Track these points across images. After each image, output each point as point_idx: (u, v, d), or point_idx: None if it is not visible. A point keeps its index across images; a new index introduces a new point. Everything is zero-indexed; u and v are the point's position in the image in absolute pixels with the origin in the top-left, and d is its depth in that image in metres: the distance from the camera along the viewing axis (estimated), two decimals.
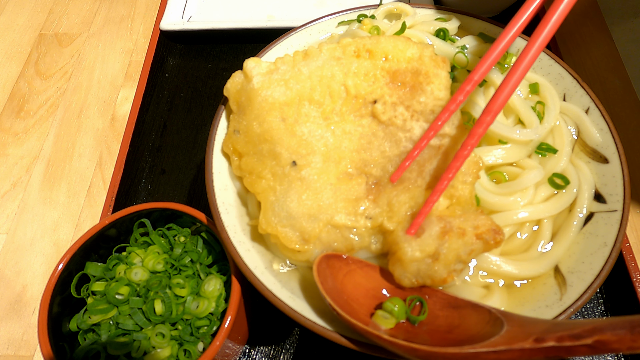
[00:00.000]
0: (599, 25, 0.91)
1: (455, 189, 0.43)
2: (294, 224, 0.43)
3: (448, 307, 0.41)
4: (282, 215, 0.43)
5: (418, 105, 0.46)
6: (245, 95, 0.48)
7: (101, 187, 0.75)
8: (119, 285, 0.48)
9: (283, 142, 0.45)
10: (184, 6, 0.89)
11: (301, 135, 0.45)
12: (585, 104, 0.52)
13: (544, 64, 0.56)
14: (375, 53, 0.48)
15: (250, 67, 0.49)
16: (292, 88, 0.47)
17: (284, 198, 0.44)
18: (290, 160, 0.44)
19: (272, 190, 0.45)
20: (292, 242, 0.43)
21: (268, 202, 0.44)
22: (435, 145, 0.45)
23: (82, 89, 0.87)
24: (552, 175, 0.48)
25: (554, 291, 0.43)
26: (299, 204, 0.43)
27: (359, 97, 0.47)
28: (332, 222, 0.43)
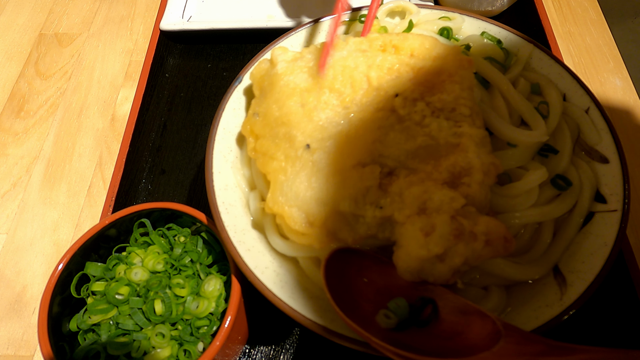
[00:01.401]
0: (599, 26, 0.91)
1: (471, 189, 0.42)
2: (300, 206, 0.43)
3: (456, 312, 0.40)
4: (290, 196, 0.43)
5: (439, 102, 0.46)
6: (269, 80, 0.49)
7: (101, 187, 0.75)
8: (119, 285, 0.48)
9: (299, 126, 0.45)
10: (184, 6, 0.89)
11: (318, 120, 0.45)
12: (585, 104, 0.52)
13: (544, 63, 0.56)
14: (401, 49, 0.48)
15: (277, 54, 0.50)
16: (314, 75, 0.47)
17: (293, 179, 0.44)
18: (304, 144, 0.44)
19: (282, 170, 0.45)
20: (297, 223, 0.43)
21: (277, 182, 0.44)
22: (454, 142, 0.44)
23: (82, 89, 0.87)
24: (555, 177, 0.48)
25: (554, 291, 0.43)
26: (308, 186, 0.43)
27: (381, 90, 0.47)
28: (340, 208, 0.43)
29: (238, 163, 0.52)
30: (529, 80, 0.55)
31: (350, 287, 0.42)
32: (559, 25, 0.92)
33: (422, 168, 0.44)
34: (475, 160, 0.42)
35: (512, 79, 0.55)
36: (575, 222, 0.47)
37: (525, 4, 0.87)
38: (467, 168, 0.43)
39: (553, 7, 0.94)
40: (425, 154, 0.45)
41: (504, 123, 0.49)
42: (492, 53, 0.57)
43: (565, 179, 0.48)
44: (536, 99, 0.54)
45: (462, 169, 0.43)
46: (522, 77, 0.55)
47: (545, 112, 0.52)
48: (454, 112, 0.46)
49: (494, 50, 0.57)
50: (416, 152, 0.45)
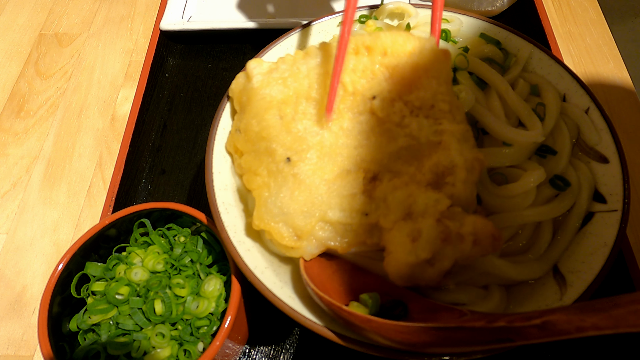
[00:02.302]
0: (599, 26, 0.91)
1: (456, 188, 0.42)
2: (286, 220, 0.43)
3: (426, 311, 0.41)
4: (275, 212, 0.43)
5: (417, 100, 0.45)
6: (246, 94, 0.48)
7: (101, 187, 0.75)
8: (119, 285, 0.48)
9: (279, 139, 0.45)
10: (184, 6, 0.89)
11: (297, 132, 0.45)
12: (585, 104, 0.52)
13: (544, 63, 0.56)
14: (374, 49, 0.47)
15: (252, 67, 0.49)
16: (289, 86, 0.47)
17: (276, 194, 0.44)
18: (284, 157, 0.44)
19: (266, 186, 0.45)
20: (285, 238, 0.43)
21: (262, 199, 0.44)
22: (435, 140, 0.44)
23: (82, 89, 0.87)
24: (553, 177, 0.48)
25: (554, 291, 0.43)
26: (292, 200, 0.43)
27: (357, 94, 0.46)
28: (326, 219, 0.43)
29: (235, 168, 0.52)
30: (528, 81, 0.55)
31: (325, 283, 0.42)
32: (559, 25, 0.92)
33: (406, 170, 0.43)
34: (458, 158, 0.42)
35: (511, 80, 0.55)
36: (574, 222, 0.47)
37: (525, 4, 0.87)
38: (450, 167, 0.42)
39: (553, 7, 0.94)
40: (408, 155, 0.44)
41: (499, 122, 0.49)
42: (490, 54, 0.57)
43: (563, 180, 0.48)
44: (535, 100, 0.54)
45: (445, 168, 0.42)
46: (521, 78, 0.55)
47: (543, 114, 0.52)
48: (433, 109, 0.45)
49: (493, 51, 0.57)
50: (398, 154, 0.44)
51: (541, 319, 0.29)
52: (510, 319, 0.31)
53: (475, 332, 0.32)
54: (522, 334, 0.30)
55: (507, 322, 0.31)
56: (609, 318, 0.26)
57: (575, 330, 0.27)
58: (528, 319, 0.30)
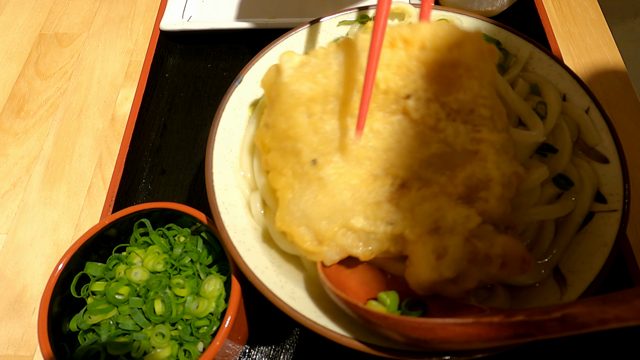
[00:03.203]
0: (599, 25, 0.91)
1: (489, 204, 0.39)
2: (308, 224, 0.41)
3: (445, 309, 0.40)
4: (297, 215, 0.41)
5: (455, 103, 0.41)
6: (276, 89, 0.46)
7: (101, 187, 0.75)
8: (119, 285, 0.48)
9: (305, 139, 0.42)
10: (184, 6, 0.89)
11: (324, 133, 0.42)
12: (585, 104, 0.52)
13: (544, 63, 0.56)
14: (411, 42, 0.42)
15: (284, 61, 0.46)
16: (319, 82, 0.43)
17: (300, 197, 0.42)
18: (310, 159, 0.42)
19: (290, 187, 0.43)
20: (306, 242, 0.41)
21: (285, 200, 0.43)
22: (472, 150, 0.40)
23: (82, 89, 0.87)
24: (557, 176, 0.48)
25: (554, 291, 0.43)
26: (315, 204, 0.41)
27: (390, 92, 0.42)
28: (349, 225, 0.41)
29: (237, 164, 0.52)
30: (528, 80, 0.55)
31: (343, 283, 0.42)
32: (559, 25, 0.92)
33: (437, 180, 0.40)
34: (495, 172, 0.39)
35: (511, 80, 0.55)
36: (576, 221, 0.47)
37: (525, 4, 0.87)
38: (485, 181, 0.39)
39: (553, 7, 0.94)
40: (440, 162, 0.41)
41: None
42: None
43: (566, 179, 0.48)
44: (535, 99, 0.54)
45: (480, 181, 0.39)
46: (521, 78, 0.55)
47: (544, 113, 0.52)
48: (472, 114, 0.41)
49: None
50: (430, 161, 0.41)
51: (561, 312, 0.28)
52: (529, 312, 0.30)
53: (493, 327, 0.31)
54: (542, 328, 0.29)
55: (526, 316, 0.30)
56: (632, 309, 0.25)
57: (597, 322, 0.27)
58: (548, 312, 0.29)
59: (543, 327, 0.29)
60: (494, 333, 0.32)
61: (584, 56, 0.87)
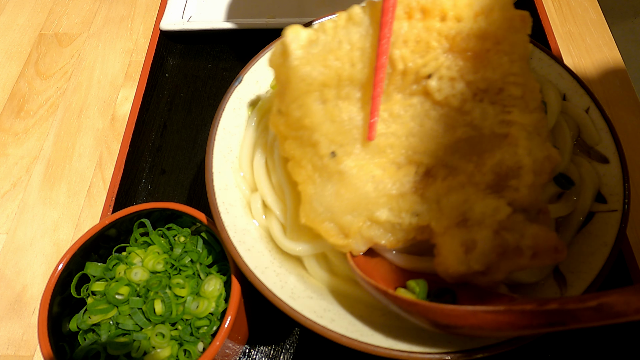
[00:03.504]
0: (599, 26, 0.91)
1: (519, 193, 0.36)
2: (332, 219, 0.40)
3: (475, 298, 0.39)
4: (320, 210, 0.40)
5: (483, 82, 0.37)
6: (284, 73, 0.41)
7: (101, 187, 0.75)
8: (119, 285, 0.48)
9: (322, 129, 0.39)
10: (184, 6, 0.89)
11: (341, 121, 0.39)
12: (585, 104, 0.52)
13: (544, 63, 0.56)
14: (431, 12, 0.37)
15: (289, 41, 0.40)
16: (331, 66, 0.39)
17: (322, 191, 0.40)
18: (329, 151, 0.40)
19: (311, 182, 0.41)
20: (332, 236, 0.40)
21: (307, 195, 0.41)
22: (501, 133, 0.37)
23: (82, 89, 0.87)
24: (558, 175, 0.48)
25: (554, 291, 0.43)
26: (338, 198, 0.39)
27: (409, 73, 0.38)
28: (373, 218, 0.39)
29: (237, 165, 0.52)
30: None
31: (372, 269, 0.41)
32: (559, 25, 0.92)
33: (463, 167, 0.38)
34: (526, 159, 0.36)
35: None
36: (576, 220, 0.47)
37: (525, 4, 0.87)
38: (515, 168, 0.37)
39: (553, 7, 0.94)
40: (467, 148, 0.38)
41: None
42: None
43: (567, 178, 0.48)
44: None
45: (509, 169, 0.37)
46: None
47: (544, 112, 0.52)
48: (501, 93, 0.37)
49: None
50: (456, 147, 0.38)
51: (597, 301, 0.27)
52: (563, 301, 0.29)
53: (525, 315, 0.30)
54: (576, 317, 0.28)
55: (559, 304, 0.29)
56: None
57: (634, 312, 0.26)
58: (582, 301, 0.28)
59: (577, 316, 0.28)
60: (526, 321, 0.31)
61: (584, 56, 0.87)
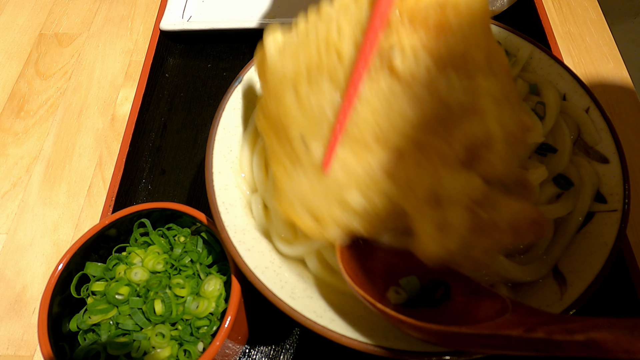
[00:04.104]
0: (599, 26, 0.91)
1: (491, 165, 0.34)
2: (306, 207, 0.40)
3: (469, 293, 0.38)
4: (294, 200, 0.41)
5: (444, 48, 0.35)
6: (263, 72, 0.44)
7: (101, 187, 0.75)
8: (119, 285, 0.48)
9: (296, 122, 0.40)
10: (184, 6, 0.89)
11: (311, 111, 0.40)
12: (585, 104, 0.52)
13: (544, 63, 0.56)
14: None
15: (267, 43, 0.43)
16: (301, 61, 0.40)
17: (296, 181, 0.41)
18: (302, 142, 0.40)
19: (287, 173, 0.42)
20: (307, 225, 0.41)
21: (282, 186, 0.42)
22: (467, 102, 0.35)
23: (82, 89, 0.87)
24: (557, 176, 0.48)
25: (554, 291, 0.43)
26: (310, 187, 0.40)
27: None
28: (344, 204, 0.39)
29: (237, 165, 0.52)
30: (527, 80, 0.55)
31: (364, 265, 0.41)
32: (559, 25, 0.92)
33: (433, 144, 0.36)
34: (495, 128, 0.35)
35: None
36: (576, 220, 0.47)
37: (525, 4, 0.87)
38: (484, 138, 0.35)
39: (553, 7, 0.95)
40: (435, 122, 0.36)
41: None
42: None
43: (566, 179, 0.48)
44: (534, 99, 0.54)
45: (479, 139, 0.35)
46: (520, 78, 0.55)
47: (542, 113, 0.52)
48: (464, 59, 0.35)
49: None
50: (424, 122, 0.36)
51: (585, 336, 0.26)
52: (550, 330, 0.29)
53: (510, 340, 0.30)
54: (563, 348, 0.28)
55: (546, 334, 0.28)
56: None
57: (622, 352, 0.25)
58: (570, 332, 0.27)
59: (564, 348, 0.28)
60: (511, 345, 0.30)
61: (584, 56, 0.87)
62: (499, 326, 0.32)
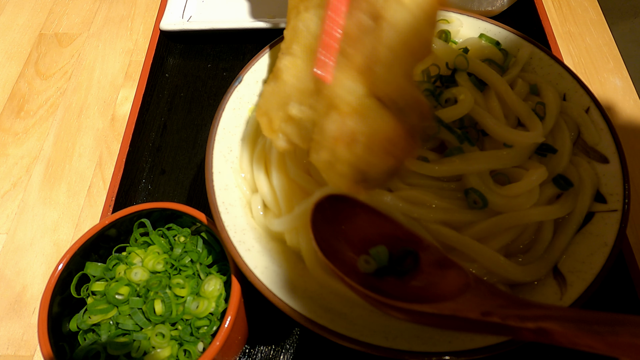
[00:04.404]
0: (599, 26, 0.91)
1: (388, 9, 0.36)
2: (266, 113, 0.45)
3: (436, 264, 0.40)
4: (262, 105, 0.45)
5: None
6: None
7: (101, 187, 0.75)
8: (119, 285, 0.48)
9: (287, 34, 0.46)
10: (184, 6, 0.89)
11: (295, 26, 0.44)
12: (585, 104, 0.52)
13: (544, 63, 0.56)
14: None
15: None
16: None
17: (268, 89, 0.45)
18: (282, 52, 0.45)
19: (268, 83, 0.47)
20: (265, 129, 0.45)
21: (262, 93, 0.47)
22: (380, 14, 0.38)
23: (82, 89, 0.87)
24: (557, 176, 0.48)
25: (554, 291, 0.43)
26: (272, 94, 0.45)
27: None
28: (289, 114, 0.43)
29: (238, 165, 0.52)
30: (527, 81, 0.55)
31: (336, 233, 0.42)
32: (559, 25, 0.92)
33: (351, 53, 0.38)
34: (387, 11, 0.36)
35: (510, 80, 0.55)
36: (576, 221, 0.47)
37: (525, 4, 0.87)
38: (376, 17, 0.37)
39: (553, 7, 0.95)
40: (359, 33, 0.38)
41: (499, 124, 0.49)
42: (490, 55, 0.57)
43: (566, 179, 0.48)
44: (534, 99, 0.54)
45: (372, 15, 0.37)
46: (520, 78, 0.55)
47: (542, 113, 0.52)
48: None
49: (492, 52, 0.57)
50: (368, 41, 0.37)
51: (535, 324, 0.28)
52: (505, 315, 0.30)
53: (468, 322, 0.32)
54: (515, 333, 0.30)
55: (500, 318, 0.30)
56: (604, 344, 0.26)
57: (568, 343, 0.27)
58: (522, 319, 0.29)
59: (517, 333, 0.30)
60: (468, 327, 0.33)
61: (584, 56, 0.87)
62: (458, 307, 0.33)
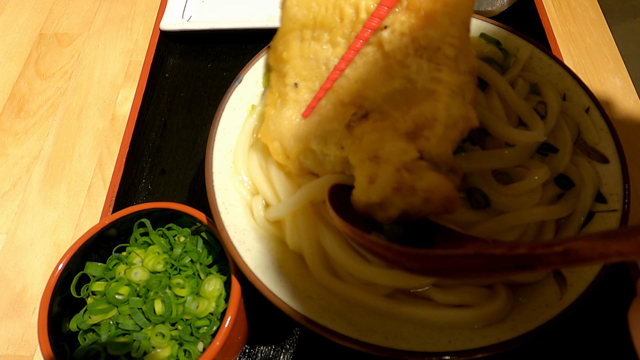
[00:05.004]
0: (599, 26, 0.91)
1: (429, 143, 0.40)
2: (281, 140, 0.47)
3: (450, 240, 0.41)
4: (273, 130, 0.47)
5: (424, 39, 0.41)
6: (281, 14, 0.49)
7: (101, 187, 0.75)
8: (119, 285, 0.48)
9: (293, 63, 0.47)
10: (184, 6, 0.89)
11: (308, 59, 0.46)
12: (585, 104, 0.52)
13: (544, 63, 0.56)
14: None
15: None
16: (311, 9, 0.46)
17: (279, 115, 0.47)
18: (293, 82, 0.47)
19: (274, 105, 0.48)
20: (277, 155, 0.48)
21: (268, 116, 0.49)
22: (430, 89, 0.41)
23: (82, 89, 0.87)
24: (559, 176, 0.48)
25: (554, 291, 0.43)
26: (289, 123, 0.46)
27: None
28: (309, 147, 0.46)
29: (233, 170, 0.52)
30: (528, 80, 0.55)
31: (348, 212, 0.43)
32: (559, 25, 0.92)
33: (393, 114, 0.42)
34: (441, 113, 0.40)
35: (511, 80, 0.55)
36: (577, 220, 0.47)
37: (525, 4, 0.87)
38: (430, 120, 0.41)
39: (553, 7, 0.95)
40: (401, 98, 0.42)
41: (501, 123, 0.49)
42: (490, 54, 0.57)
43: (567, 179, 0.48)
44: (535, 99, 0.54)
45: (427, 120, 0.41)
46: (521, 78, 0.55)
47: (544, 112, 0.52)
48: (438, 52, 0.41)
49: (493, 51, 0.57)
50: (392, 96, 0.42)
51: (563, 246, 0.28)
52: (532, 245, 0.30)
53: (495, 259, 0.32)
54: (543, 261, 0.30)
55: (528, 249, 0.30)
56: (634, 244, 0.26)
57: (598, 256, 0.27)
58: (550, 246, 0.29)
59: (544, 260, 0.30)
60: (495, 264, 0.32)
61: (584, 56, 0.87)
62: (483, 248, 0.34)
